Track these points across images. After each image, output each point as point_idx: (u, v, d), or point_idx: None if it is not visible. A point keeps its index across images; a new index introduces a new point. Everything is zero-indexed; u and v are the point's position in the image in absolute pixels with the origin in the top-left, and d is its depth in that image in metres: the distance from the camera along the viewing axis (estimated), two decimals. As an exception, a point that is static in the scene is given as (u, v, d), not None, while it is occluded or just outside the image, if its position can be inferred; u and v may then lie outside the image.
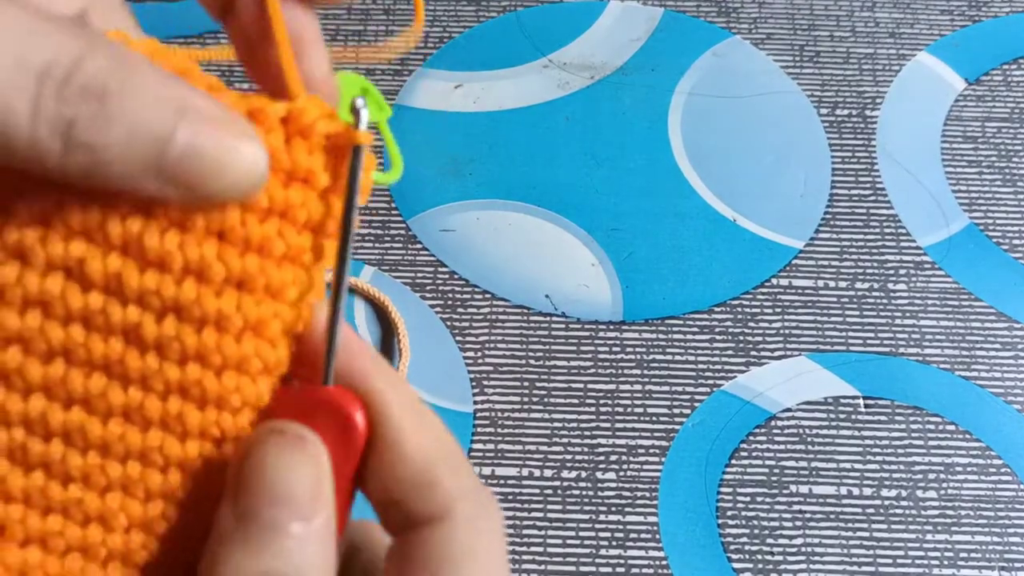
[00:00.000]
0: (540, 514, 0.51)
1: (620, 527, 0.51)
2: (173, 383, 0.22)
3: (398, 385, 0.23)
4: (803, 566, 0.50)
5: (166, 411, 0.22)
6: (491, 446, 0.53)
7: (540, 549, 0.50)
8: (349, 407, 0.23)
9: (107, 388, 0.22)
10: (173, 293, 0.21)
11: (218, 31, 0.66)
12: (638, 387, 0.55)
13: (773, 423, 0.54)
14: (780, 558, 0.50)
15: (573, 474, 0.52)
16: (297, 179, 0.22)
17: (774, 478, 0.53)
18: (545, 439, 0.53)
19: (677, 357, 0.56)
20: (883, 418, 0.54)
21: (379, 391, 0.23)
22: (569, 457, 0.53)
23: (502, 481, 0.52)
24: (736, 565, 0.50)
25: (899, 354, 0.56)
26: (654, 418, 0.54)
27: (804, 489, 0.52)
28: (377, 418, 0.23)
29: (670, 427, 0.54)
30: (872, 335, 0.57)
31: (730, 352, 0.56)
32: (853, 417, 0.54)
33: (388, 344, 0.55)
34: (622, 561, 0.50)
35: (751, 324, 0.57)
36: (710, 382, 0.55)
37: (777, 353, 0.56)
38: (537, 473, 0.52)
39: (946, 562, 0.51)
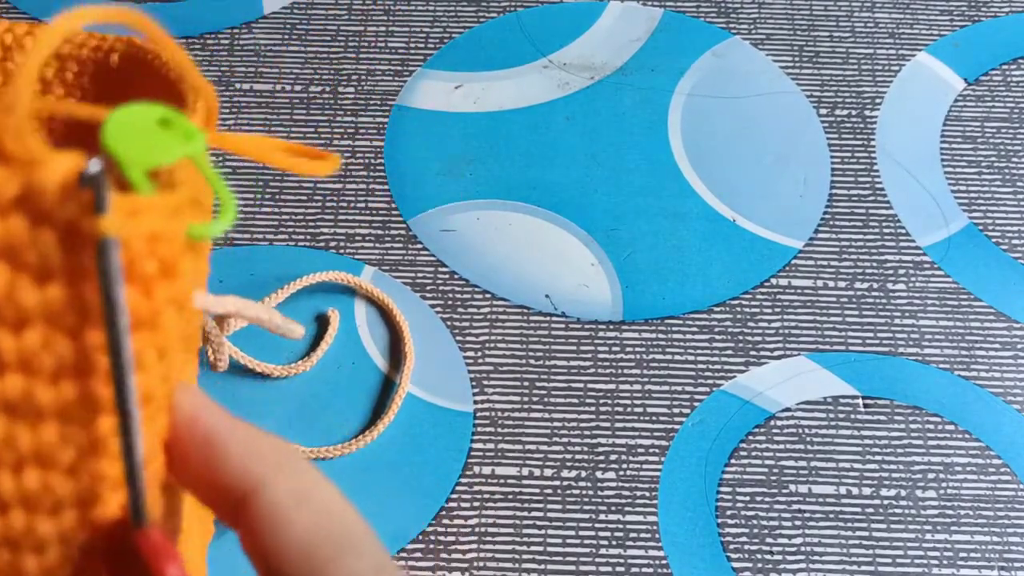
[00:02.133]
0: (540, 514, 0.51)
1: (620, 527, 0.51)
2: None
3: (282, 464, 0.21)
4: (802, 565, 0.50)
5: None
6: (491, 446, 0.53)
7: (540, 549, 0.50)
8: (159, 559, 0.20)
9: None
10: None
11: (218, 31, 0.66)
12: (638, 387, 0.55)
13: (772, 423, 0.54)
14: (779, 557, 0.51)
15: (573, 474, 0.52)
16: (52, 275, 0.18)
17: (773, 478, 0.53)
18: (545, 439, 0.53)
19: (677, 357, 0.56)
20: (882, 418, 0.55)
21: (254, 480, 0.21)
22: (569, 457, 0.53)
23: (502, 481, 0.52)
24: (735, 564, 0.50)
25: (898, 354, 0.56)
26: (654, 418, 0.54)
27: (803, 489, 0.52)
28: (252, 508, 0.21)
29: (670, 427, 0.54)
30: (871, 335, 0.57)
31: (729, 352, 0.56)
32: (852, 417, 0.55)
33: (395, 348, 0.56)
34: (622, 561, 0.50)
35: (750, 324, 0.57)
36: (710, 382, 0.55)
37: (776, 353, 0.56)
38: (537, 473, 0.52)
39: (945, 562, 0.51)
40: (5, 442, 0.19)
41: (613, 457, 0.53)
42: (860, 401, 0.55)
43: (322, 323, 0.56)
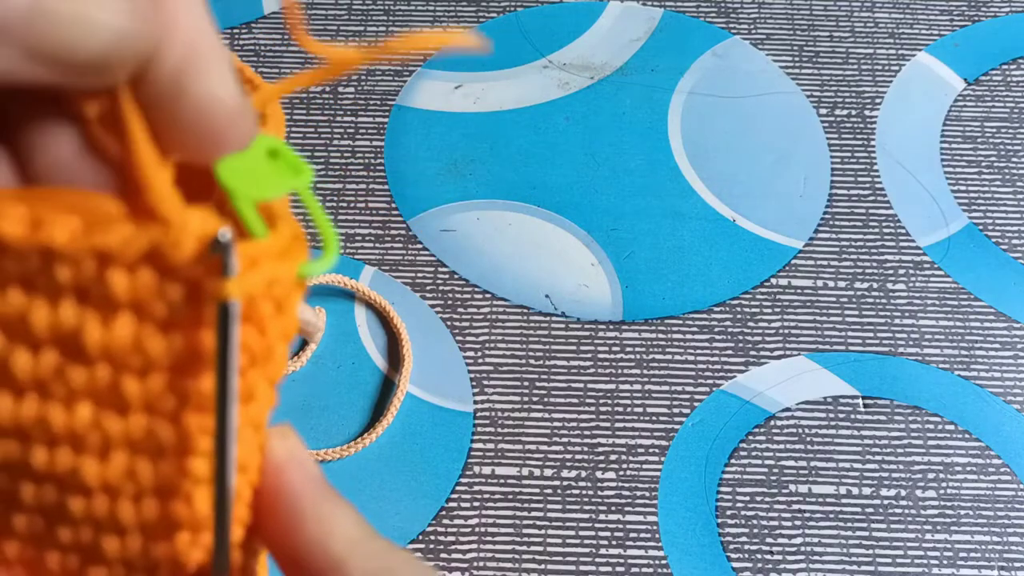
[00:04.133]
0: (540, 514, 0.51)
1: (620, 526, 0.51)
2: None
3: (358, 544, 0.21)
4: (802, 565, 0.50)
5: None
6: (491, 446, 0.53)
7: (540, 549, 0.50)
8: None
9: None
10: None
11: (218, 31, 0.66)
12: (638, 387, 0.55)
13: (772, 423, 0.54)
14: (779, 557, 0.51)
15: (573, 473, 0.52)
16: (175, 326, 0.19)
17: (773, 477, 0.53)
18: (545, 439, 0.53)
19: (677, 357, 0.56)
20: (882, 418, 0.55)
21: (331, 559, 0.20)
22: (569, 457, 0.53)
23: (502, 480, 0.52)
24: (735, 564, 0.50)
25: (898, 354, 0.56)
26: (654, 418, 0.54)
27: (803, 488, 0.52)
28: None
29: (670, 427, 0.54)
30: (871, 335, 0.57)
31: (729, 352, 0.56)
32: (852, 417, 0.55)
33: (391, 350, 0.56)
34: (622, 560, 0.50)
35: (750, 324, 0.57)
36: (709, 382, 0.55)
37: (776, 353, 0.56)
38: (537, 472, 0.52)
39: (945, 561, 0.51)
40: (128, 474, 0.20)
41: (613, 457, 0.53)
42: (860, 401, 0.55)
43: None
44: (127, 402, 0.19)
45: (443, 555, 0.50)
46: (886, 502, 0.52)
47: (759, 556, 0.51)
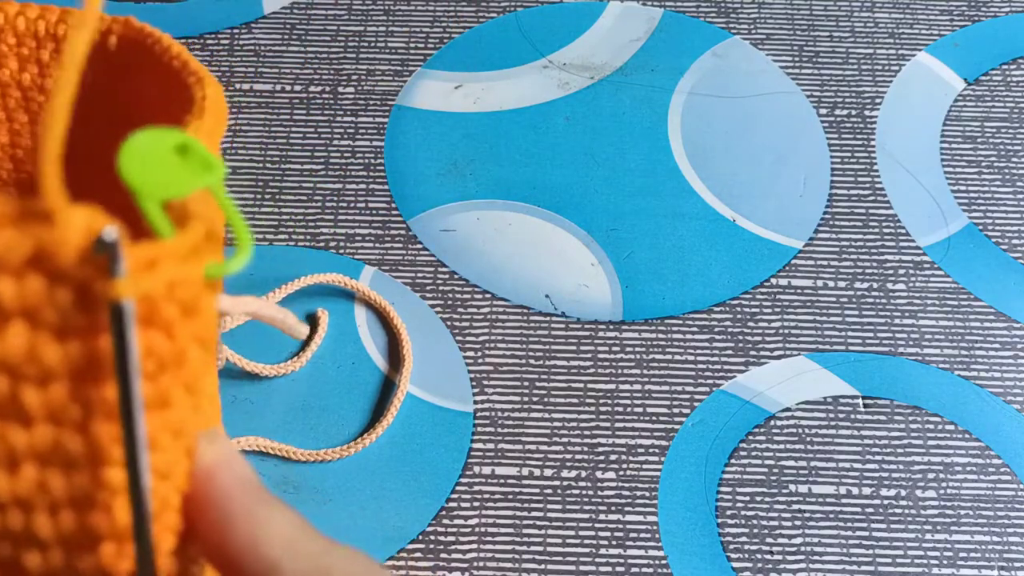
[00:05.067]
0: (540, 514, 0.51)
1: (620, 526, 0.51)
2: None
3: (294, 544, 0.20)
4: (802, 565, 0.50)
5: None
6: (491, 446, 0.53)
7: (540, 549, 0.50)
8: None
9: None
10: None
11: (218, 31, 0.66)
12: (638, 387, 0.55)
13: (772, 423, 0.54)
14: (779, 557, 0.51)
15: (573, 473, 0.52)
16: (71, 331, 0.18)
17: (773, 478, 0.53)
18: (545, 439, 0.53)
19: (677, 357, 0.56)
20: (882, 418, 0.55)
21: (265, 564, 0.20)
22: (569, 456, 0.53)
23: (502, 481, 0.52)
24: (735, 564, 0.50)
25: (898, 354, 0.56)
26: (654, 418, 0.54)
27: (803, 488, 0.52)
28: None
29: (670, 427, 0.54)
30: (871, 335, 0.57)
31: (729, 352, 0.56)
32: (852, 417, 0.55)
33: (391, 350, 0.56)
34: (622, 561, 0.50)
35: (750, 324, 0.57)
36: (709, 382, 0.55)
37: (776, 353, 0.56)
38: (537, 473, 0.52)
39: (945, 561, 0.51)
40: (40, 487, 0.19)
41: (613, 457, 0.53)
42: (860, 401, 0.55)
43: (312, 322, 0.56)
44: (29, 414, 0.18)
45: (443, 555, 0.50)
46: (886, 502, 0.52)
47: (759, 556, 0.51)
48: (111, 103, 0.21)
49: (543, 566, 0.50)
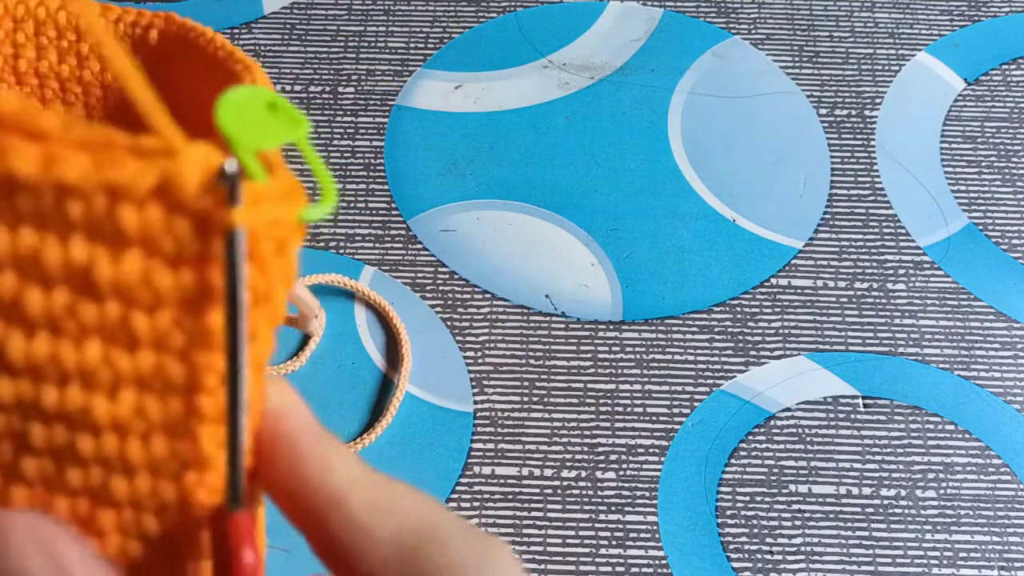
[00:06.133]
0: (540, 514, 0.51)
1: (620, 527, 0.51)
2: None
3: (358, 479, 0.21)
4: (802, 565, 0.50)
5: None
6: (491, 446, 0.53)
7: (540, 549, 0.50)
8: (240, 542, 0.20)
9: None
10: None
11: (218, 31, 0.66)
12: (638, 387, 0.55)
13: (772, 423, 0.54)
14: (779, 557, 0.51)
15: (573, 473, 0.52)
16: (184, 261, 0.19)
17: (773, 477, 0.53)
18: (545, 439, 0.53)
19: (677, 357, 0.56)
20: (882, 418, 0.55)
21: (331, 495, 0.21)
22: (569, 457, 0.53)
23: (502, 481, 0.52)
24: (735, 564, 0.50)
25: (898, 354, 0.56)
26: (654, 418, 0.54)
27: (803, 488, 0.52)
28: (330, 524, 0.21)
29: (670, 427, 0.54)
30: (871, 335, 0.57)
31: (729, 352, 0.56)
32: (852, 417, 0.55)
33: (390, 350, 0.56)
34: (622, 560, 0.50)
35: (750, 324, 0.57)
36: (709, 382, 0.55)
37: (776, 353, 0.56)
38: (537, 472, 0.52)
39: (945, 561, 0.51)
40: (137, 412, 0.20)
41: (613, 457, 0.53)
42: (860, 401, 0.55)
43: (322, 323, 0.56)
44: (136, 339, 0.19)
45: (443, 555, 0.50)
46: (886, 502, 0.52)
47: (759, 556, 0.51)
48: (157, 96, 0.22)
49: (543, 566, 0.50)
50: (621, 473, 0.53)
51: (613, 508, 0.52)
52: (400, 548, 0.21)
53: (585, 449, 0.53)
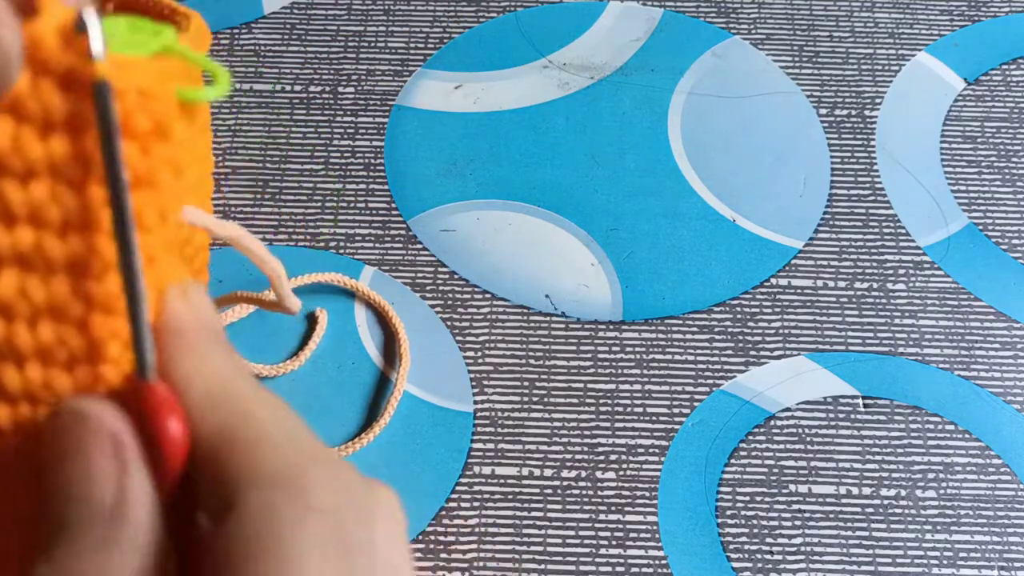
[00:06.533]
0: (540, 514, 0.51)
1: (620, 527, 0.51)
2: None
3: (200, 362, 0.21)
4: (802, 565, 0.50)
5: None
6: (491, 446, 0.53)
7: (540, 549, 0.50)
8: (160, 412, 0.20)
9: None
10: None
11: (218, 31, 0.66)
12: (638, 387, 0.55)
13: (772, 423, 0.54)
14: (779, 557, 0.51)
15: (573, 473, 0.52)
16: (55, 126, 0.19)
17: (773, 478, 0.53)
18: (545, 439, 0.53)
19: (677, 357, 0.56)
20: (882, 418, 0.55)
21: (176, 372, 0.20)
22: (569, 457, 0.53)
23: (502, 481, 0.52)
24: (735, 564, 0.50)
25: (898, 354, 0.56)
26: (654, 418, 0.54)
27: (803, 488, 0.52)
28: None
29: (670, 427, 0.54)
30: (871, 335, 0.57)
31: (729, 352, 0.56)
32: (852, 417, 0.55)
33: (390, 350, 0.56)
34: (622, 561, 0.50)
35: (750, 324, 0.57)
36: (709, 382, 0.55)
37: (776, 353, 0.56)
38: (537, 473, 0.52)
39: (945, 562, 0.51)
40: (20, 294, 0.20)
41: (613, 457, 0.53)
42: (860, 401, 0.55)
43: (311, 322, 0.56)
44: (12, 213, 0.19)
45: (443, 555, 0.50)
46: (886, 502, 0.52)
47: (759, 556, 0.51)
48: None
49: (543, 566, 0.50)
50: (621, 473, 0.53)
51: (613, 508, 0.52)
52: (210, 453, 0.20)
53: (585, 449, 0.53)
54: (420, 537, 0.50)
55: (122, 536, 0.19)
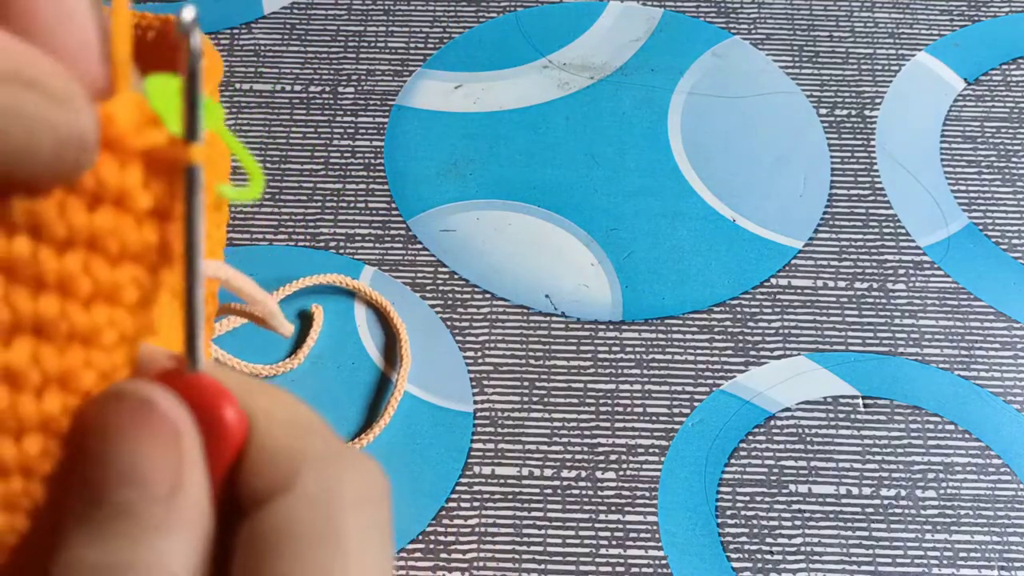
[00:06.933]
0: (540, 514, 0.51)
1: (620, 527, 0.51)
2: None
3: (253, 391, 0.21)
4: (802, 565, 0.50)
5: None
6: (491, 446, 0.53)
7: (540, 549, 0.50)
8: (216, 399, 0.20)
9: None
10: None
11: (218, 31, 0.66)
12: (638, 387, 0.55)
13: (772, 423, 0.54)
14: (779, 557, 0.51)
15: (573, 473, 0.52)
16: (107, 201, 0.19)
17: (773, 477, 0.53)
18: (545, 439, 0.53)
19: (676, 357, 0.56)
20: (882, 418, 0.55)
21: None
22: (569, 457, 0.53)
23: (502, 481, 0.52)
24: (735, 564, 0.50)
25: (898, 354, 0.56)
26: (654, 418, 0.54)
27: (803, 488, 0.52)
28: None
29: (670, 427, 0.54)
30: (871, 335, 0.57)
31: (729, 352, 0.56)
32: (852, 417, 0.54)
33: (390, 350, 0.56)
34: (622, 561, 0.50)
35: (750, 324, 0.57)
36: (709, 382, 0.55)
37: (776, 353, 0.56)
38: (537, 473, 0.52)
39: (945, 561, 0.51)
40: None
41: (613, 457, 0.53)
42: (860, 401, 0.55)
43: (306, 319, 0.56)
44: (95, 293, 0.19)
45: (443, 555, 0.50)
46: (886, 502, 0.52)
47: (759, 556, 0.51)
48: None
49: (543, 566, 0.50)
50: (621, 473, 0.53)
51: (613, 508, 0.52)
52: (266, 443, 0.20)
53: (585, 449, 0.53)
54: (420, 537, 0.50)
55: (180, 522, 0.19)
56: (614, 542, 0.51)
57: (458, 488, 0.52)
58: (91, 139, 0.18)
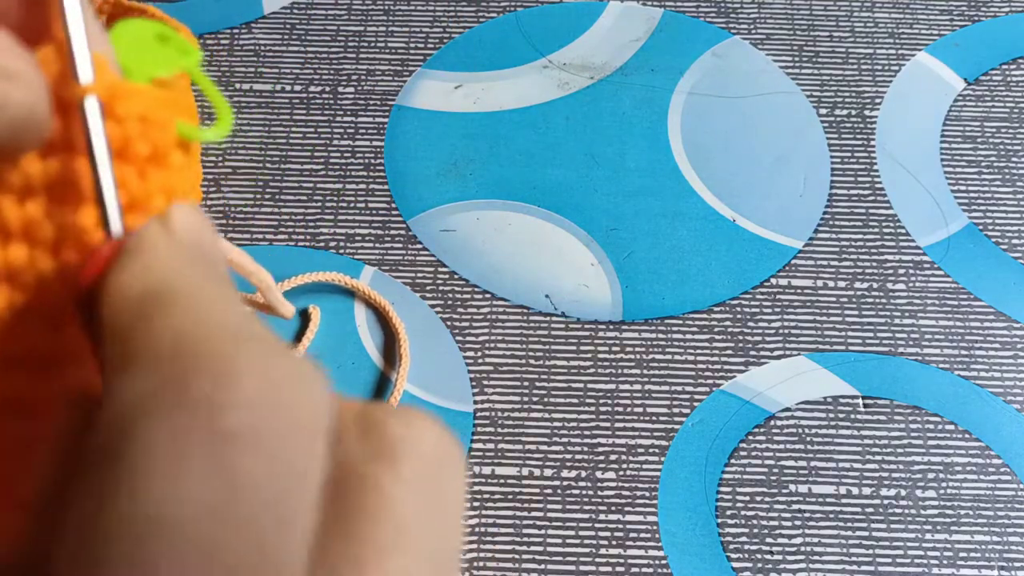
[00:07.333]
0: (540, 514, 0.51)
1: (620, 526, 0.51)
2: None
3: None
4: (802, 565, 0.50)
5: None
6: (491, 446, 0.53)
7: (540, 549, 0.50)
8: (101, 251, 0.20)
9: None
10: None
11: (218, 31, 0.66)
12: (638, 387, 0.55)
13: (772, 423, 0.54)
14: (779, 557, 0.51)
15: (573, 473, 0.52)
16: (52, 148, 0.20)
17: (773, 477, 0.53)
18: (545, 439, 0.53)
19: (676, 357, 0.56)
20: (882, 418, 0.55)
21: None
22: (569, 457, 0.53)
23: (502, 481, 0.52)
24: (735, 564, 0.50)
25: (898, 354, 0.56)
26: (654, 418, 0.54)
27: (803, 488, 0.52)
28: None
29: (669, 427, 0.54)
30: (871, 335, 0.57)
31: (729, 352, 0.56)
32: (852, 417, 0.55)
33: (390, 350, 0.56)
34: (622, 561, 0.50)
35: (750, 324, 0.57)
36: (709, 382, 0.55)
37: (776, 353, 0.56)
38: (537, 473, 0.52)
39: (945, 561, 0.51)
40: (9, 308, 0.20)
41: (613, 457, 0.53)
42: (860, 401, 0.55)
43: (304, 319, 0.56)
44: (8, 231, 0.20)
45: (443, 555, 0.50)
46: (886, 502, 0.52)
47: (759, 556, 0.51)
48: None
49: (543, 566, 0.50)
50: (621, 473, 0.53)
51: (613, 508, 0.52)
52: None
53: (585, 449, 0.53)
54: (420, 537, 0.50)
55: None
56: (614, 542, 0.51)
57: (458, 488, 0.52)
58: (43, 114, 0.18)
